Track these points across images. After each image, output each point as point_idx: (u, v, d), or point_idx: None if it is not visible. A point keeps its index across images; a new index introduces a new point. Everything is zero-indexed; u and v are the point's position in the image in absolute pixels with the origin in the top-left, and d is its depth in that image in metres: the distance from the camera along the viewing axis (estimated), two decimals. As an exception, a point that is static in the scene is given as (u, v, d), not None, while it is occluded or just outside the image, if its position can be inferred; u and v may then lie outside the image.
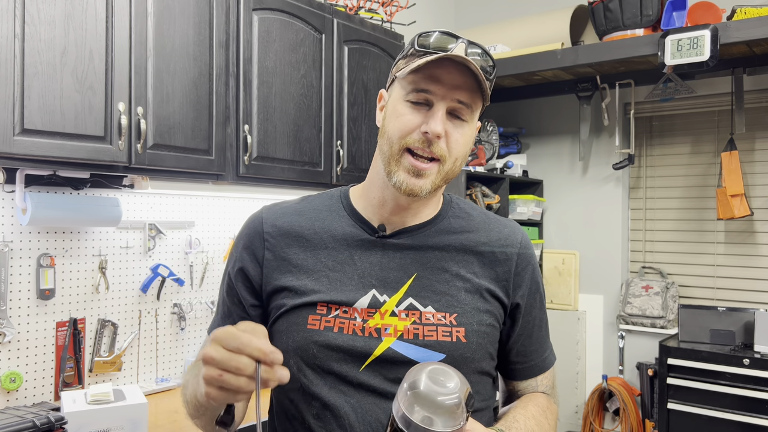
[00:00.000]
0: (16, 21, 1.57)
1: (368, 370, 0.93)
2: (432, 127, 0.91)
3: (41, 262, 1.96)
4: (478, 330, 0.97)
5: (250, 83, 2.16)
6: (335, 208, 1.05)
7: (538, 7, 3.52)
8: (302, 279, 0.99)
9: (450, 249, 1.01)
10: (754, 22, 2.51)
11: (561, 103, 3.56)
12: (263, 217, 1.06)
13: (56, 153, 1.65)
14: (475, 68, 0.90)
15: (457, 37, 0.94)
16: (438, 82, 0.92)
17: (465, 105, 0.93)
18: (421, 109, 0.93)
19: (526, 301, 1.04)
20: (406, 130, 0.93)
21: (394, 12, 2.90)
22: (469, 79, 0.92)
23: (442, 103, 0.92)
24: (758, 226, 3.07)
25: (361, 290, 0.97)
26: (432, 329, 0.95)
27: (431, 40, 0.94)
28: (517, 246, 1.05)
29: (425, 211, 1.03)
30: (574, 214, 3.56)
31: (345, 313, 0.96)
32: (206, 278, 2.45)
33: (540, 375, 1.08)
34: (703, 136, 3.26)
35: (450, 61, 0.91)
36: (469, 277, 1.00)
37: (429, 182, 0.94)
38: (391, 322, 0.95)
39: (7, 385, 1.86)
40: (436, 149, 0.93)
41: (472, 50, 0.93)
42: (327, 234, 1.02)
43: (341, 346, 0.94)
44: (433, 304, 0.97)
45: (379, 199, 1.01)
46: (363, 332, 0.94)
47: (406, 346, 0.94)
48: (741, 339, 2.84)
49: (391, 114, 0.96)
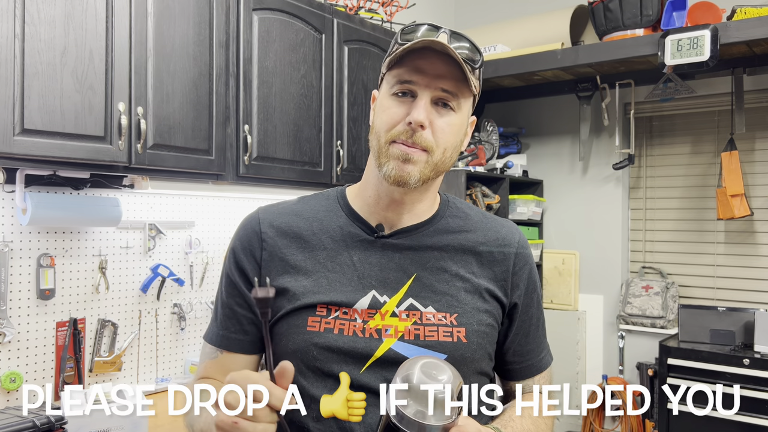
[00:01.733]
0: (16, 21, 1.57)
1: (369, 371, 0.93)
2: (414, 116, 0.91)
3: (41, 262, 1.96)
4: (478, 330, 0.97)
5: (250, 83, 2.16)
6: (332, 208, 1.04)
7: (538, 7, 3.52)
8: (301, 280, 0.98)
9: (449, 249, 1.01)
10: (754, 22, 2.51)
11: (561, 103, 3.56)
12: (260, 217, 1.04)
13: (56, 153, 1.64)
14: (455, 55, 0.90)
15: (439, 27, 0.94)
16: (421, 72, 0.92)
17: (450, 93, 0.93)
18: (406, 101, 0.93)
19: (523, 301, 1.04)
20: (392, 123, 0.93)
21: (394, 12, 2.90)
22: (453, 69, 0.92)
23: (425, 92, 0.92)
24: (758, 226, 3.07)
25: (360, 291, 0.96)
26: (433, 330, 0.95)
27: (415, 34, 0.94)
28: (515, 246, 1.05)
29: (422, 210, 1.03)
30: (574, 214, 3.56)
31: (345, 314, 0.95)
32: (206, 278, 2.45)
33: (537, 375, 1.08)
34: (703, 136, 3.25)
35: (432, 51, 0.91)
36: (468, 277, 1.00)
37: (417, 170, 0.93)
38: (392, 323, 0.94)
39: (7, 385, 1.86)
40: (419, 140, 0.92)
41: (457, 41, 0.93)
42: (325, 234, 1.01)
43: (342, 347, 0.93)
44: (433, 305, 0.97)
45: (374, 196, 1.01)
46: (363, 333, 0.94)
47: (407, 346, 0.93)
48: (741, 339, 2.84)
49: (379, 109, 0.97)
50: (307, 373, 0.95)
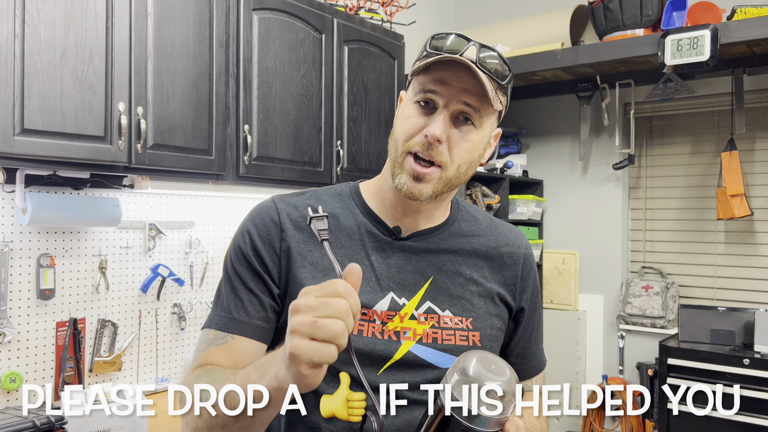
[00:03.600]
0: (16, 21, 1.57)
1: (387, 373, 0.93)
2: (431, 130, 0.90)
3: (41, 262, 1.96)
4: (490, 334, 0.99)
5: (250, 83, 2.16)
6: (348, 206, 1.02)
7: (538, 7, 3.52)
8: (318, 277, 0.96)
9: (463, 253, 1.02)
10: (754, 22, 2.51)
11: (561, 103, 3.56)
12: (278, 208, 1.00)
13: (56, 153, 1.64)
14: (480, 73, 0.88)
15: (469, 39, 0.92)
16: (445, 84, 0.90)
17: (473, 108, 0.91)
18: (427, 112, 0.92)
19: (529, 305, 1.06)
20: (410, 133, 0.92)
21: (394, 12, 2.90)
22: (478, 83, 0.90)
23: (447, 105, 0.91)
24: (758, 226, 3.07)
25: (379, 293, 0.96)
26: (450, 333, 0.96)
27: (443, 42, 0.92)
28: (523, 251, 1.07)
29: (437, 214, 1.02)
30: (574, 214, 3.56)
31: (364, 315, 0.94)
32: (206, 278, 2.45)
33: (536, 376, 1.10)
34: (703, 136, 3.26)
35: (459, 63, 0.89)
36: (481, 281, 1.01)
37: (430, 187, 0.92)
38: (410, 326, 0.95)
39: (7, 385, 1.86)
40: (435, 154, 0.91)
41: (485, 54, 0.91)
42: (342, 233, 0.99)
43: (361, 349, 0.92)
44: (450, 308, 0.97)
45: (391, 199, 1.00)
46: (383, 335, 0.93)
47: (425, 349, 0.94)
48: (741, 339, 2.85)
49: (401, 115, 0.96)
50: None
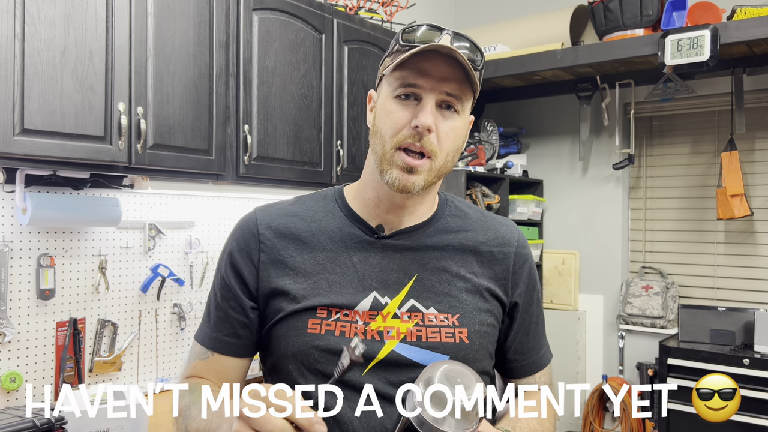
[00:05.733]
0: (16, 21, 1.57)
1: (371, 373, 0.92)
2: (422, 120, 0.89)
3: (41, 262, 1.96)
4: (479, 330, 0.97)
5: (250, 83, 2.16)
6: (331, 209, 1.03)
7: (538, 7, 3.52)
8: (300, 282, 0.96)
9: (449, 249, 1.01)
10: (754, 22, 2.51)
11: (561, 103, 3.56)
12: (257, 218, 1.03)
13: (56, 153, 1.64)
14: (461, 58, 0.88)
15: (442, 28, 0.92)
16: (425, 75, 0.90)
17: (454, 96, 0.92)
18: (410, 105, 0.92)
19: (523, 299, 1.04)
20: (397, 127, 0.92)
21: (394, 12, 2.90)
22: (456, 71, 0.91)
23: (430, 95, 0.91)
24: (758, 226, 3.06)
25: (361, 292, 0.95)
26: (435, 331, 0.94)
27: (416, 34, 0.92)
28: (515, 244, 1.05)
29: (422, 211, 1.02)
30: (574, 214, 3.56)
31: (346, 316, 0.94)
32: (206, 278, 2.45)
33: (538, 372, 1.08)
34: (703, 136, 3.25)
35: (436, 53, 0.89)
36: (469, 276, 1.00)
37: (422, 179, 0.92)
38: (394, 325, 0.94)
39: (7, 385, 1.86)
40: (426, 144, 0.91)
41: (459, 42, 0.92)
42: (324, 235, 1.00)
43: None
44: (435, 305, 0.96)
45: (374, 198, 1.00)
46: (365, 335, 0.93)
47: (409, 348, 0.93)
48: (741, 339, 2.84)
49: (381, 112, 0.95)
50: (308, 376, 0.94)
